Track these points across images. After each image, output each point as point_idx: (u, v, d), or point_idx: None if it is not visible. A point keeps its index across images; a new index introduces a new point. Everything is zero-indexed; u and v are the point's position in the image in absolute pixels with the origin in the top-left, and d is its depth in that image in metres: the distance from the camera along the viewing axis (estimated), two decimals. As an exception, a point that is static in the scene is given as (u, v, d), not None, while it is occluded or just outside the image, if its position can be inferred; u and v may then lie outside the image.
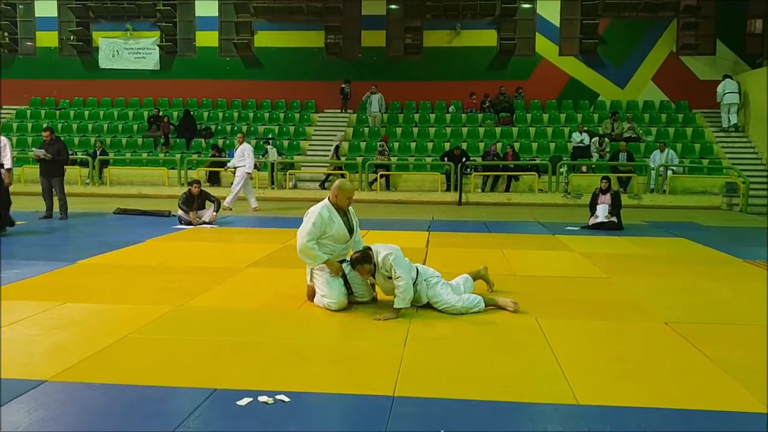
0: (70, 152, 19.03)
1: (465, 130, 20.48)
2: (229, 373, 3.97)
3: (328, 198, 5.70)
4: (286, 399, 3.56)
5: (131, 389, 3.74)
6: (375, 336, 4.84)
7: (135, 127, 21.84)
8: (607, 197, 11.69)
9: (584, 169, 18.07)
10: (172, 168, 18.81)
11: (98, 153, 19.28)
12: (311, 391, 3.71)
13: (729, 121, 19.79)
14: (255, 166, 14.70)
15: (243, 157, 13.97)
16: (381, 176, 17.98)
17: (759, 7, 21.04)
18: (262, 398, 3.56)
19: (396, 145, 19.96)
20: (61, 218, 11.89)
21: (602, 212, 11.56)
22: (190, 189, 11.44)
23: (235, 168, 14.13)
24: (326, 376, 3.95)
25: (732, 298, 6.30)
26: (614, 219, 11.49)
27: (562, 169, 17.69)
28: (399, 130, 20.76)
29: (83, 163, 19.21)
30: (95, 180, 18.85)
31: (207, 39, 23.12)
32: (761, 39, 20.98)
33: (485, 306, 5.50)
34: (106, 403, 3.55)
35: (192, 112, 21.59)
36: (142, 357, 4.31)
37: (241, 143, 14.23)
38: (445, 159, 17.77)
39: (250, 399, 3.55)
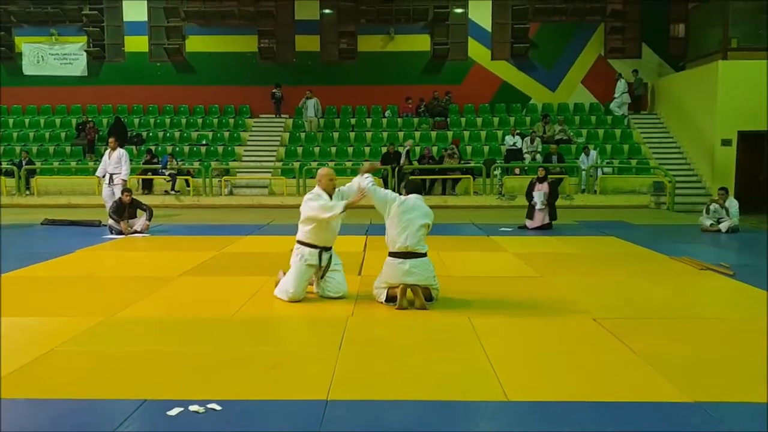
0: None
1: (401, 134, 20.60)
2: (160, 384, 3.90)
3: (317, 186, 6.24)
4: (218, 407, 3.53)
5: (57, 403, 3.64)
6: (310, 340, 4.84)
7: (63, 135, 21.14)
8: (545, 186, 12.01)
9: (517, 171, 18.42)
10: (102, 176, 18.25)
11: (24, 162, 18.60)
12: (244, 398, 3.68)
13: (620, 113, 20.84)
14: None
15: (119, 164, 12.99)
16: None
17: (681, 12, 21.89)
18: (193, 407, 3.52)
19: (333, 149, 19.93)
20: None
21: (539, 198, 11.89)
22: (120, 198, 11.17)
23: (112, 175, 13.05)
24: (260, 383, 3.92)
25: (657, 294, 6.52)
26: (546, 207, 11.88)
27: (496, 172, 18.00)
28: (336, 134, 20.73)
29: (8, 173, 18.51)
30: (22, 191, 18.18)
31: (136, 44, 22.57)
32: (683, 42, 21.82)
33: None
34: (30, 419, 3.45)
35: (123, 119, 21.06)
36: (68, 370, 4.19)
37: (114, 149, 13.10)
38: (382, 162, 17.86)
39: (181, 409, 3.50)
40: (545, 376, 4.04)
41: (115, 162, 13.08)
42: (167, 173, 18.02)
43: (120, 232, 10.93)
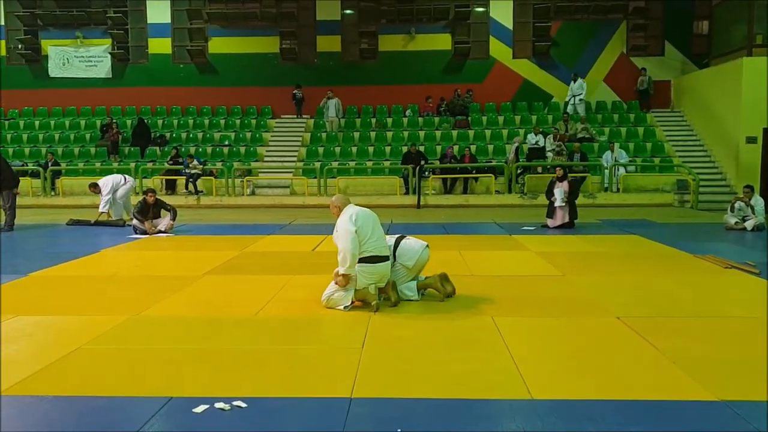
0: (19, 163, 18.80)
1: (422, 133, 20.60)
2: (185, 381, 3.94)
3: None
4: (243, 405, 3.56)
5: (84, 400, 3.69)
6: (333, 339, 4.86)
7: (87, 136, 21.42)
8: (564, 184, 11.95)
9: (539, 169, 18.32)
10: (127, 177, 18.47)
11: (50, 164, 18.87)
12: (268, 396, 3.71)
13: (576, 111, 20.74)
14: None
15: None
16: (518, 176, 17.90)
17: (705, 9, 21.64)
18: (219, 405, 3.55)
19: (354, 149, 19.97)
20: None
21: (559, 195, 11.84)
22: (145, 198, 11.29)
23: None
24: (284, 381, 3.95)
25: (681, 292, 6.46)
26: (567, 206, 11.84)
27: (518, 171, 17.92)
28: (356, 134, 20.77)
29: (34, 174, 18.79)
30: (47, 191, 18.44)
31: (160, 46, 22.82)
32: (707, 40, 21.56)
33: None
34: (59, 416, 3.50)
35: (146, 120, 21.29)
36: (95, 368, 4.25)
37: None
38: (404, 162, 17.85)
39: (207, 406, 3.53)
40: (569, 374, 4.02)
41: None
42: (187, 174, 18.17)
43: (144, 232, 11.05)
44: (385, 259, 5.72)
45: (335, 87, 21.10)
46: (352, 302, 5.68)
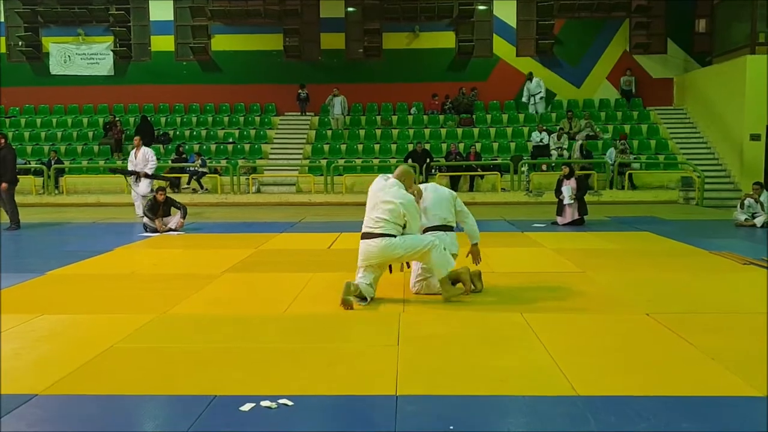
0: (22, 161, 18.71)
1: (427, 131, 20.61)
2: (226, 380, 3.92)
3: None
4: (290, 403, 3.54)
5: (128, 399, 3.67)
6: (367, 337, 4.84)
7: (90, 134, 21.37)
8: (572, 181, 12.00)
9: (544, 167, 18.35)
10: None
11: (53, 162, 18.81)
12: (313, 393, 3.69)
13: (536, 111, 20.94)
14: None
15: (146, 162, 13.37)
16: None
17: (706, 7, 21.69)
18: (265, 403, 3.53)
19: (359, 147, 19.96)
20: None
21: (567, 193, 11.88)
22: (155, 196, 11.26)
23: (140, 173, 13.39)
24: (325, 378, 3.93)
25: (705, 289, 6.47)
26: (575, 203, 11.90)
27: (523, 168, 17.94)
28: (362, 132, 20.76)
29: (37, 173, 18.73)
30: (50, 190, 18.38)
31: (163, 43, 22.76)
32: (709, 38, 21.60)
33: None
34: (106, 414, 3.47)
35: (149, 118, 21.23)
36: (132, 366, 4.22)
37: (139, 147, 13.50)
38: (409, 160, 17.82)
39: (253, 404, 3.51)
40: (610, 370, 4.02)
41: (142, 161, 13.39)
42: (191, 171, 18.13)
43: (155, 230, 11.03)
44: (375, 236, 5.66)
45: (339, 84, 21.07)
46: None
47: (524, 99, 21.25)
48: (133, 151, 13.64)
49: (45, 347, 4.61)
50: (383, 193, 5.73)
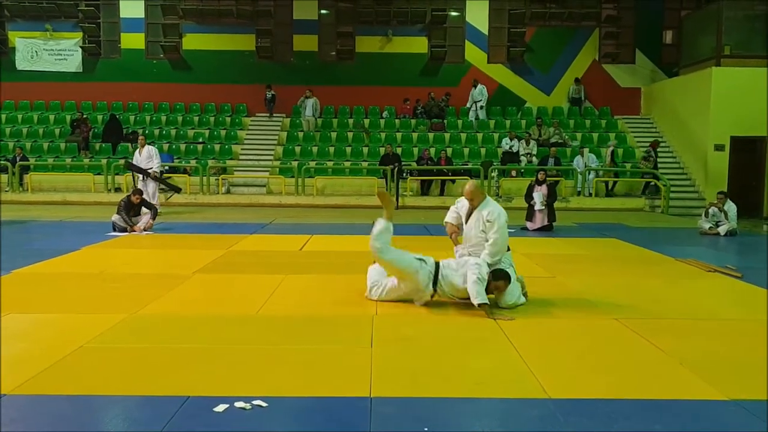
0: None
1: (399, 135, 20.65)
2: (200, 380, 3.90)
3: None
4: (264, 404, 3.54)
5: (99, 399, 3.64)
6: (340, 338, 4.85)
7: (57, 131, 20.98)
8: (543, 188, 12.18)
9: (514, 173, 18.52)
10: (98, 173, 18.17)
11: (18, 158, 18.44)
12: (287, 395, 3.69)
13: (477, 116, 21.29)
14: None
15: (150, 160, 13.90)
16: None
17: (674, 19, 22.13)
18: (239, 404, 3.53)
19: (331, 149, 19.93)
20: None
21: (538, 199, 12.08)
22: (129, 197, 11.14)
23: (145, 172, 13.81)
24: (300, 380, 3.94)
25: (671, 295, 6.61)
26: (546, 209, 12.10)
27: (493, 174, 18.09)
28: (333, 134, 20.73)
29: (2, 170, 18.34)
30: (15, 187, 18.02)
31: (133, 41, 22.43)
32: (676, 49, 22.02)
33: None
34: (77, 415, 3.44)
35: (118, 116, 20.93)
36: (103, 366, 4.18)
37: (143, 146, 14.23)
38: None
39: (227, 405, 3.51)
40: (581, 374, 4.09)
41: (146, 158, 13.98)
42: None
43: (123, 230, 10.89)
44: None
45: (312, 86, 20.99)
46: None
47: (468, 105, 21.45)
48: (137, 150, 14.35)
49: (13, 346, 4.53)
50: None
